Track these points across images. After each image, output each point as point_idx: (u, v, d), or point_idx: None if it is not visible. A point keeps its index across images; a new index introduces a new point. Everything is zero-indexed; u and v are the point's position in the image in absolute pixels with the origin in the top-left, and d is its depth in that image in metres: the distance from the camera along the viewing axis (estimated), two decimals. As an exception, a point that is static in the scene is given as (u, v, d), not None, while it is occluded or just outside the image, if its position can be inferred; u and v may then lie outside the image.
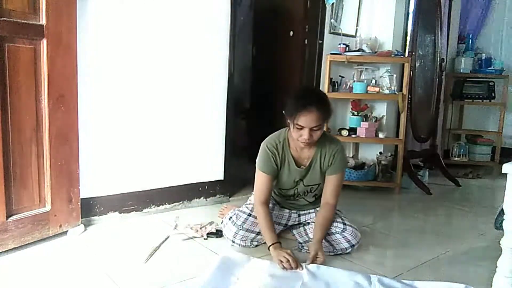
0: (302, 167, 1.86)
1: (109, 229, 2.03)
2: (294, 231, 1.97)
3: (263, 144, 1.88)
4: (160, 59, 2.24)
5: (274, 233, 1.74)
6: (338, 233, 1.82)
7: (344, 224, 1.85)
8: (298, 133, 1.72)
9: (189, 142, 2.43)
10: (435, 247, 1.98)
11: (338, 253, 1.82)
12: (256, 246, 1.89)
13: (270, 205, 1.92)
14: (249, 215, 1.87)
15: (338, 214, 1.91)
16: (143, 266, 1.62)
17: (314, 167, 1.86)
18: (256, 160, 1.87)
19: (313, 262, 1.64)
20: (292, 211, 1.98)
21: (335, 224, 1.84)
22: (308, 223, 1.94)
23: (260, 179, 1.83)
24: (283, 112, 1.76)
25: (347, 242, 1.81)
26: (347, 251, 1.82)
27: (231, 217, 1.90)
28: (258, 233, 1.85)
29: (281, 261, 1.61)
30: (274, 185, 1.90)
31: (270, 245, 1.69)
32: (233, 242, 1.86)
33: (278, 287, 1.49)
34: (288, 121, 1.75)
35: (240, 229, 1.84)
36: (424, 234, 2.24)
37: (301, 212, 1.98)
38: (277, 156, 1.83)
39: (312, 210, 1.97)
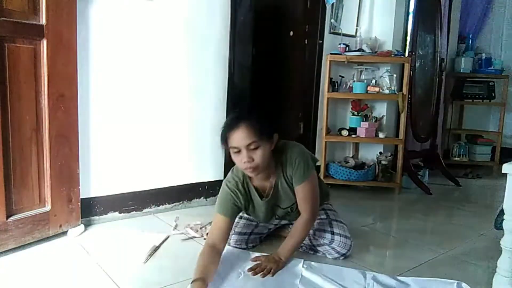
0: (265, 197, 1.69)
1: (109, 229, 2.03)
2: (290, 229, 1.87)
3: (223, 184, 1.71)
4: (160, 59, 2.24)
5: (206, 271, 1.45)
6: (326, 244, 1.77)
7: (333, 233, 1.77)
8: (238, 159, 1.53)
9: (189, 142, 2.43)
10: (435, 247, 1.98)
11: (331, 258, 1.78)
12: (253, 247, 1.87)
13: (255, 222, 1.87)
14: (240, 217, 1.86)
15: (328, 220, 1.82)
16: (143, 266, 1.62)
17: (281, 188, 1.68)
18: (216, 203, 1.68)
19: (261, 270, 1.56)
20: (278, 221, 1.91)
21: (323, 234, 1.78)
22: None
23: (214, 220, 1.64)
24: (221, 141, 1.58)
25: (336, 253, 1.76)
26: (340, 259, 1.77)
27: None
28: (251, 233, 1.85)
29: None
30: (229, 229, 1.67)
31: (194, 280, 1.39)
32: (229, 245, 1.82)
33: (279, 281, 1.52)
34: (230, 153, 1.57)
35: (233, 234, 1.81)
36: (424, 234, 2.24)
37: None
38: (239, 195, 1.65)
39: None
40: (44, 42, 1.70)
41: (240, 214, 1.82)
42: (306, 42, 3.22)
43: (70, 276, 1.51)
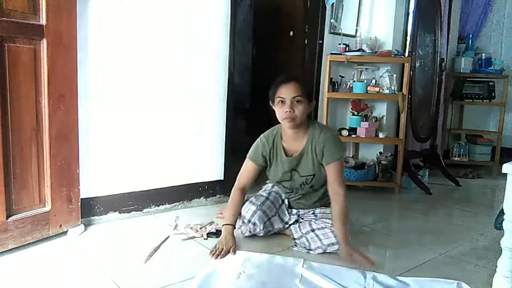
0: (290, 156, 1.92)
1: (109, 229, 2.03)
2: (291, 227, 2.00)
3: (259, 137, 2.00)
4: (160, 58, 2.24)
5: (234, 217, 1.86)
6: (327, 228, 1.85)
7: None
8: (281, 108, 1.81)
9: (189, 142, 2.43)
10: (435, 247, 1.98)
11: (327, 249, 1.80)
12: (268, 233, 1.97)
13: (280, 201, 2.05)
14: (267, 198, 2.01)
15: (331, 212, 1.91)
16: (143, 266, 1.62)
17: (306, 156, 1.91)
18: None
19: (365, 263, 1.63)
20: (298, 210, 2.05)
21: (325, 220, 1.90)
22: (302, 219, 2.00)
23: (244, 165, 1.97)
24: (269, 103, 1.88)
25: (334, 236, 1.79)
26: (335, 247, 1.78)
27: (249, 200, 2.00)
28: (270, 218, 1.97)
29: (215, 247, 1.72)
30: (256, 176, 1.98)
31: (224, 224, 1.81)
32: (249, 221, 1.91)
33: (279, 281, 1.52)
34: (273, 106, 1.86)
35: (259, 209, 1.94)
36: (424, 234, 2.24)
37: (302, 212, 2.04)
38: (266, 146, 1.94)
39: (311, 212, 2.02)
40: (44, 42, 1.70)
41: (266, 195, 2.01)
42: (306, 42, 3.22)
43: (70, 276, 1.51)
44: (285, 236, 2.02)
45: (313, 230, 1.87)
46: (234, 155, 2.76)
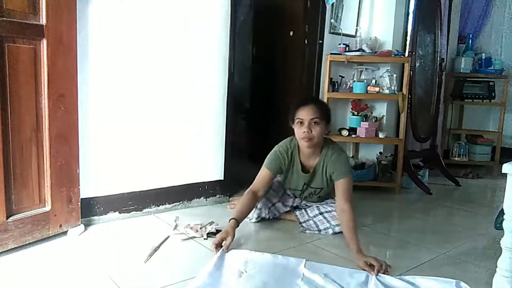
0: (307, 172, 2.09)
1: (109, 229, 2.03)
2: (297, 212, 2.19)
3: (275, 147, 2.11)
4: (160, 58, 2.24)
5: (241, 214, 1.93)
6: (333, 210, 2.08)
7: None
8: (300, 129, 1.95)
9: (189, 142, 2.43)
10: (435, 247, 1.98)
11: (335, 229, 2.03)
12: (274, 215, 2.23)
13: (282, 190, 2.25)
14: (270, 187, 2.19)
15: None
16: (143, 266, 1.62)
17: (317, 172, 2.07)
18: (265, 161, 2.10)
19: (383, 272, 1.62)
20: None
21: (329, 204, 2.13)
22: (310, 205, 2.20)
23: (260, 173, 2.08)
24: (290, 122, 2.01)
25: (327, 222, 2.05)
26: (335, 229, 2.03)
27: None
28: (274, 204, 2.22)
29: (217, 240, 1.77)
30: (270, 183, 2.14)
31: (231, 219, 1.88)
32: (256, 207, 2.13)
33: (281, 280, 1.52)
34: (292, 125, 1.99)
35: (256, 209, 2.15)
36: (424, 234, 2.24)
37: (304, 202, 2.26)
38: (286, 159, 2.07)
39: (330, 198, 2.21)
40: (44, 42, 1.69)
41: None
42: (306, 42, 3.22)
43: (70, 276, 1.51)
44: (291, 222, 2.21)
45: (321, 213, 2.09)
46: (234, 155, 2.77)
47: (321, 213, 2.11)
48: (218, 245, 1.74)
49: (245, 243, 1.90)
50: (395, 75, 3.16)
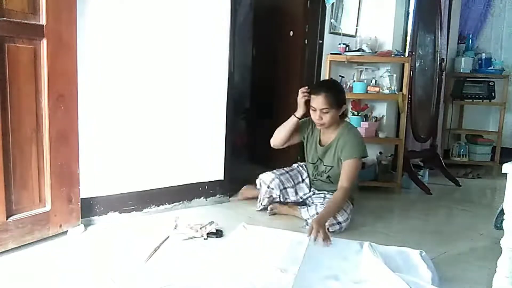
0: (322, 145, 2.28)
1: (109, 229, 2.03)
2: (302, 210, 2.26)
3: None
4: (160, 58, 2.24)
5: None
6: None
7: None
8: (313, 114, 2.16)
9: (189, 142, 2.43)
10: (435, 247, 1.98)
11: (329, 229, 2.06)
12: (284, 200, 2.38)
13: (304, 175, 2.43)
14: (287, 172, 2.40)
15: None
16: (143, 266, 1.62)
17: (330, 148, 2.25)
18: None
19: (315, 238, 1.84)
20: (314, 189, 2.40)
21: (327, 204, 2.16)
22: (314, 204, 2.26)
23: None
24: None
25: (334, 218, 2.09)
26: (336, 227, 2.10)
27: (272, 171, 2.39)
28: (286, 188, 2.35)
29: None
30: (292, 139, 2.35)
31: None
32: (267, 185, 2.33)
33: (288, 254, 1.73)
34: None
35: (277, 177, 2.34)
36: (424, 234, 2.24)
37: (316, 192, 2.38)
38: (309, 126, 2.32)
39: (326, 193, 2.32)
40: (44, 42, 1.70)
41: (286, 171, 2.41)
42: (306, 42, 3.22)
43: (70, 276, 1.51)
44: (295, 218, 2.31)
45: (317, 213, 2.12)
46: (234, 155, 2.77)
47: (317, 213, 2.13)
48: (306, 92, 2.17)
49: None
50: (395, 75, 3.16)
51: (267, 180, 2.35)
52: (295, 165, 2.52)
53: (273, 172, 2.38)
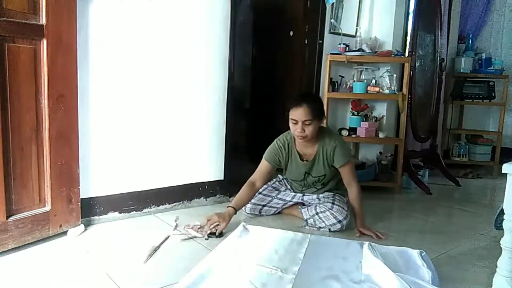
0: (305, 160, 2.21)
1: (109, 229, 2.03)
2: (302, 210, 2.24)
3: (275, 140, 2.26)
4: (160, 58, 2.24)
5: (238, 201, 2.14)
6: (327, 210, 2.13)
7: (333, 203, 2.16)
8: (294, 127, 2.07)
9: (189, 142, 2.43)
10: (435, 247, 1.98)
11: (331, 228, 2.12)
12: (262, 215, 2.34)
13: (283, 188, 2.42)
14: (259, 193, 2.33)
15: (332, 195, 2.25)
16: (143, 266, 1.62)
17: (318, 161, 2.20)
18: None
19: (377, 237, 2.03)
20: (298, 193, 2.37)
21: (325, 204, 2.17)
22: (311, 204, 2.26)
23: (261, 164, 2.24)
24: (286, 110, 2.10)
25: (334, 218, 2.11)
26: (337, 227, 2.12)
27: None
28: (264, 205, 2.33)
29: (210, 220, 2.00)
30: (270, 175, 2.30)
31: (228, 206, 2.09)
32: (246, 212, 2.32)
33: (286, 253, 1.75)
34: (288, 117, 2.09)
35: (249, 203, 2.29)
36: (424, 234, 2.24)
37: (306, 194, 2.35)
38: (283, 151, 2.22)
39: (315, 195, 2.32)
40: (44, 42, 1.69)
41: (264, 186, 2.34)
42: (306, 42, 3.21)
43: (70, 276, 1.51)
44: (295, 218, 2.31)
45: (317, 213, 2.15)
46: (234, 155, 2.76)
47: (317, 213, 2.16)
48: (212, 228, 1.96)
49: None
50: (395, 75, 3.16)
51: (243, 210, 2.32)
52: (270, 182, 2.44)
53: None
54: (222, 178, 2.62)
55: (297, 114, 2.04)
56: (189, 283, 1.43)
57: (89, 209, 2.06)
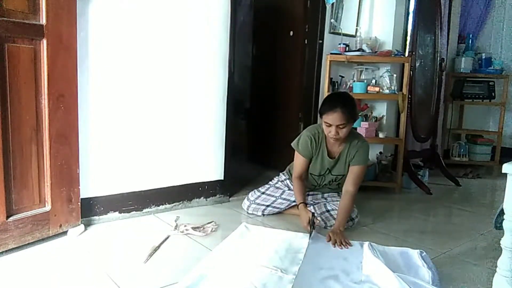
0: (332, 158, 2.23)
1: (109, 229, 2.03)
2: (311, 208, 2.23)
3: (305, 131, 2.26)
4: (160, 58, 2.24)
5: (302, 196, 2.16)
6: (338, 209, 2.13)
7: None
8: (327, 129, 2.09)
9: (189, 142, 2.43)
10: (435, 247, 1.98)
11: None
12: (264, 215, 2.34)
13: (286, 188, 2.39)
14: (263, 193, 2.38)
15: (340, 195, 2.23)
16: (143, 266, 1.62)
17: (341, 159, 2.23)
18: (295, 142, 2.25)
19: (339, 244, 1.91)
20: (307, 193, 2.35)
21: (333, 202, 2.24)
22: (318, 202, 2.29)
23: (298, 160, 2.25)
24: (319, 112, 2.13)
25: None
26: (349, 224, 2.15)
27: (249, 194, 2.42)
28: (268, 206, 2.34)
29: (303, 221, 2.03)
30: (308, 167, 2.28)
31: (299, 204, 2.13)
32: (247, 212, 2.36)
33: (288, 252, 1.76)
34: (321, 118, 2.11)
35: (252, 203, 2.36)
36: (424, 234, 2.24)
37: (310, 194, 2.37)
38: (314, 143, 2.21)
39: (320, 195, 2.37)
40: (44, 42, 1.69)
41: (263, 190, 2.38)
42: (306, 42, 3.22)
43: (70, 276, 1.51)
44: (296, 217, 2.23)
45: (328, 211, 2.20)
46: (234, 155, 2.77)
47: (327, 211, 2.20)
48: (311, 225, 1.99)
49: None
50: (395, 75, 3.16)
51: (244, 207, 2.39)
52: (274, 180, 2.48)
53: (248, 199, 2.39)
54: (222, 178, 2.62)
55: (332, 118, 2.03)
56: (189, 283, 1.43)
57: (89, 209, 2.06)
